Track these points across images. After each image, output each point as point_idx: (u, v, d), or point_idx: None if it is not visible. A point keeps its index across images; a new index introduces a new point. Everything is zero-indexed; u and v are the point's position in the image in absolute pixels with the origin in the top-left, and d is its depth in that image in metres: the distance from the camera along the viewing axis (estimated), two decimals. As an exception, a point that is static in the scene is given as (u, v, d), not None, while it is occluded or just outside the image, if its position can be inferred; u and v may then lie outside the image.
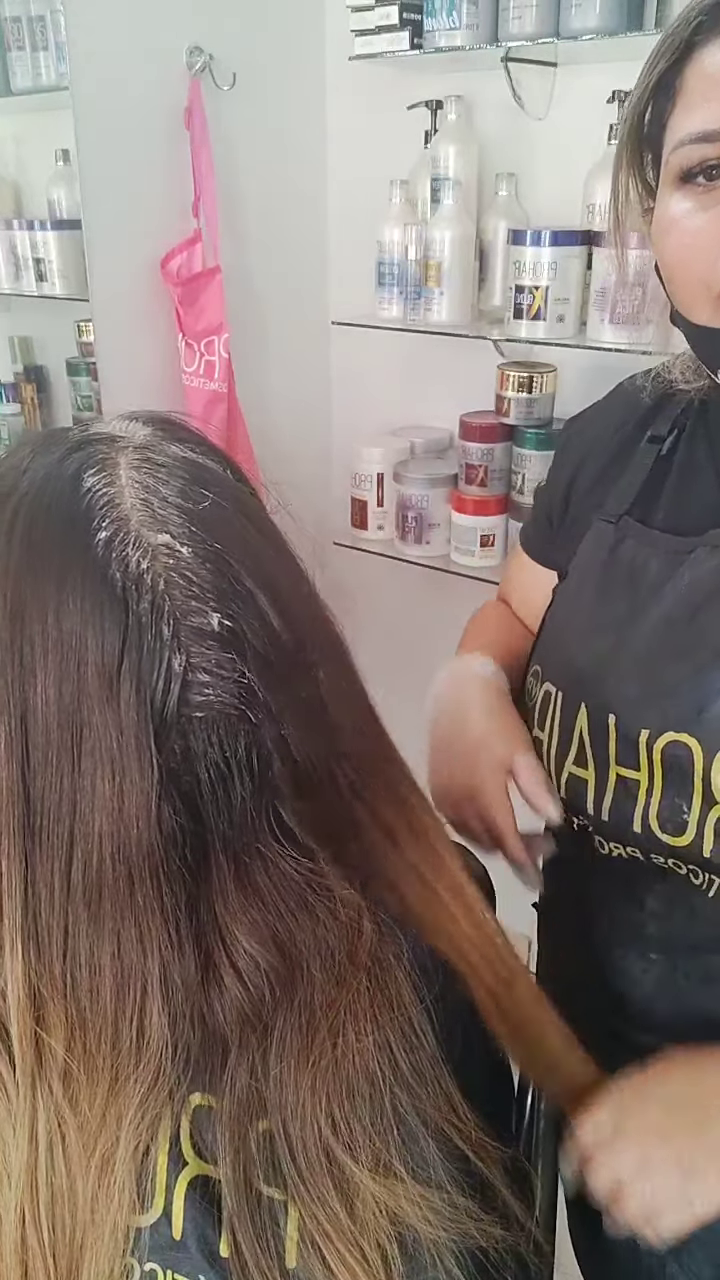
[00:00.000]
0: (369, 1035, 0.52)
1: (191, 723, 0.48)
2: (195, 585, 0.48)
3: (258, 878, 0.51)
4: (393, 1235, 0.51)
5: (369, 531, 1.86)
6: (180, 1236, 0.51)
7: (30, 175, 1.77)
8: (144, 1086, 0.50)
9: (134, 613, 0.47)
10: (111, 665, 0.47)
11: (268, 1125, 0.51)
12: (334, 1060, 0.52)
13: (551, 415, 1.62)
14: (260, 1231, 0.50)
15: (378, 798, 0.56)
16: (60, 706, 0.47)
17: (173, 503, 0.50)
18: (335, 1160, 0.51)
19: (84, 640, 0.47)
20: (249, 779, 0.50)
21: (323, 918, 0.52)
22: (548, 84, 1.53)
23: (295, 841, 0.51)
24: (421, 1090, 0.53)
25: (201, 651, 0.48)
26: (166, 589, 0.47)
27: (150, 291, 1.63)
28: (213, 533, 0.49)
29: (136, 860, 0.48)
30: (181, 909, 0.49)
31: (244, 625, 0.49)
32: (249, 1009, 0.51)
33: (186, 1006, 0.50)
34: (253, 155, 1.73)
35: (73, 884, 0.48)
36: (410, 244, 1.61)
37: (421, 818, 0.59)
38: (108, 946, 0.48)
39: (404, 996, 0.54)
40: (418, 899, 0.58)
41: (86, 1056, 0.50)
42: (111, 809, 0.47)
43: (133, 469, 0.51)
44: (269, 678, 0.49)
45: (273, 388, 1.89)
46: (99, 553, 0.47)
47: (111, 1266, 0.50)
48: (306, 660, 0.51)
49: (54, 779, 0.47)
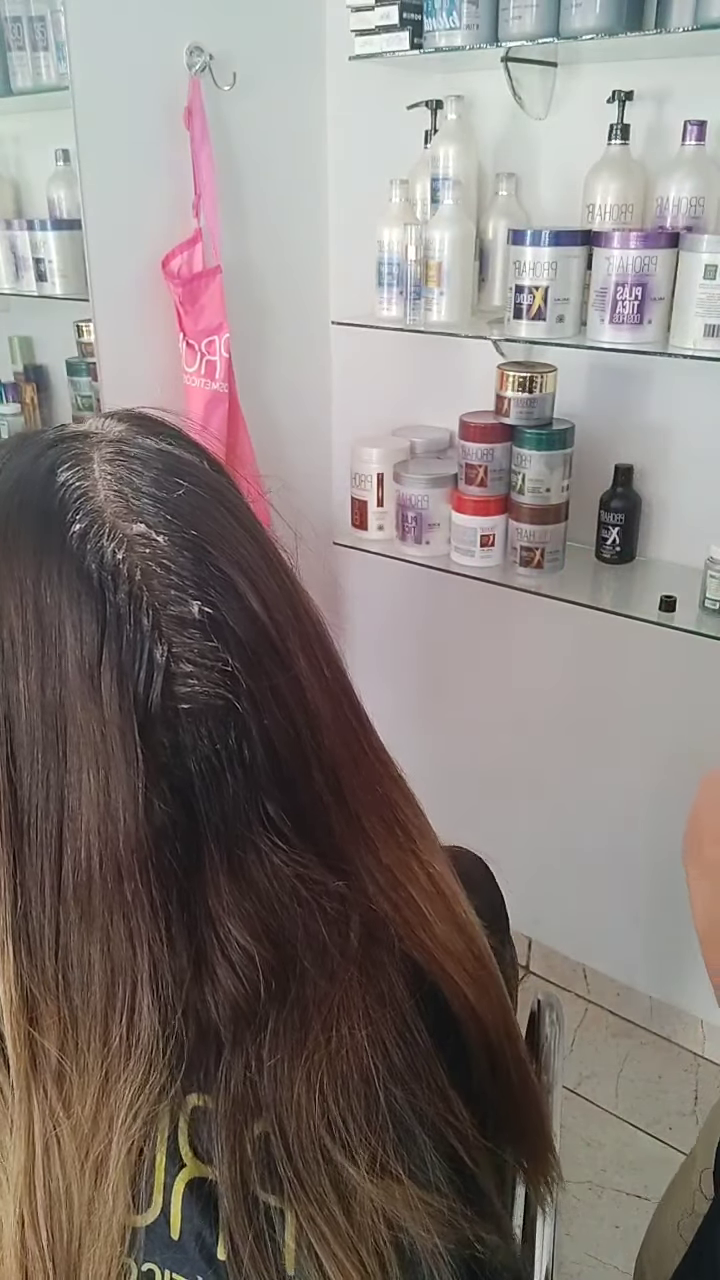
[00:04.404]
0: (362, 1030, 0.52)
1: (179, 715, 0.48)
2: (174, 574, 0.48)
3: (250, 870, 0.51)
4: (389, 1240, 0.50)
5: (369, 531, 1.86)
6: (179, 1237, 0.51)
7: (30, 175, 1.77)
8: (133, 1087, 0.49)
9: (111, 604, 0.47)
10: (92, 658, 0.46)
11: (263, 1127, 0.51)
12: (328, 1055, 0.51)
13: (551, 415, 1.62)
14: (257, 1235, 0.50)
15: (356, 793, 0.54)
16: (43, 703, 0.47)
17: (146, 493, 0.49)
18: (332, 1161, 0.50)
19: (63, 634, 0.47)
20: (240, 771, 0.49)
21: (314, 911, 0.52)
22: (548, 84, 1.53)
23: (283, 835, 0.51)
24: (417, 1086, 0.53)
25: (184, 641, 0.47)
26: (144, 579, 0.47)
27: (150, 291, 1.63)
28: (188, 520, 0.49)
29: (125, 855, 0.47)
30: (172, 903, 0.49)
31: (224, 612, 0.48)
32: (242, 1002, 0.50)
33: (178, 1000, 0.49)
34: (253, 155, 1.73)
35: (63, 882, 0.48)
36: (410, 244, 1.61)
37: (402, 815, 0.58)
38: (98, 943, 0.48)
39: (396, 992, 0.54)
40: (390, 898, 0.56)
41: (78, 1055, 0.49)
42: (98, 804, 0.47)
43: (106, 462, 0.50)
44: (251, 664, 0.49)
45: (273, 388, 1.89)
46: (74, 545, 0.47)
47: (109, 1268, 0.50)
48: (286, 647, 0.51)
49: (40, 776, 0.47)
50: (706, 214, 1.40)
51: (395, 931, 0.56)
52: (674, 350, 1.39)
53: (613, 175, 1.45)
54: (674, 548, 1.69)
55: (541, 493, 1.64)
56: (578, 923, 2.08)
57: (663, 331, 1.42)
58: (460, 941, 0.58)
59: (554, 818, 2.03)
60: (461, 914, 0.59)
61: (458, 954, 0.57)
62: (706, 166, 1.39)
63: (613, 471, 1.65)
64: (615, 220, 1.46)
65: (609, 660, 1.82)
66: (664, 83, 1.45)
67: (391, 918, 0.56)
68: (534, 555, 1.68)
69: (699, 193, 1.38)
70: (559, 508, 1.66)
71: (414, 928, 0.56)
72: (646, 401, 1.63)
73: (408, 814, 0.58)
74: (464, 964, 0.57)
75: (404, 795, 0.59)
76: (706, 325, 1.35)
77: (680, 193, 1.39)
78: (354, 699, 0.56)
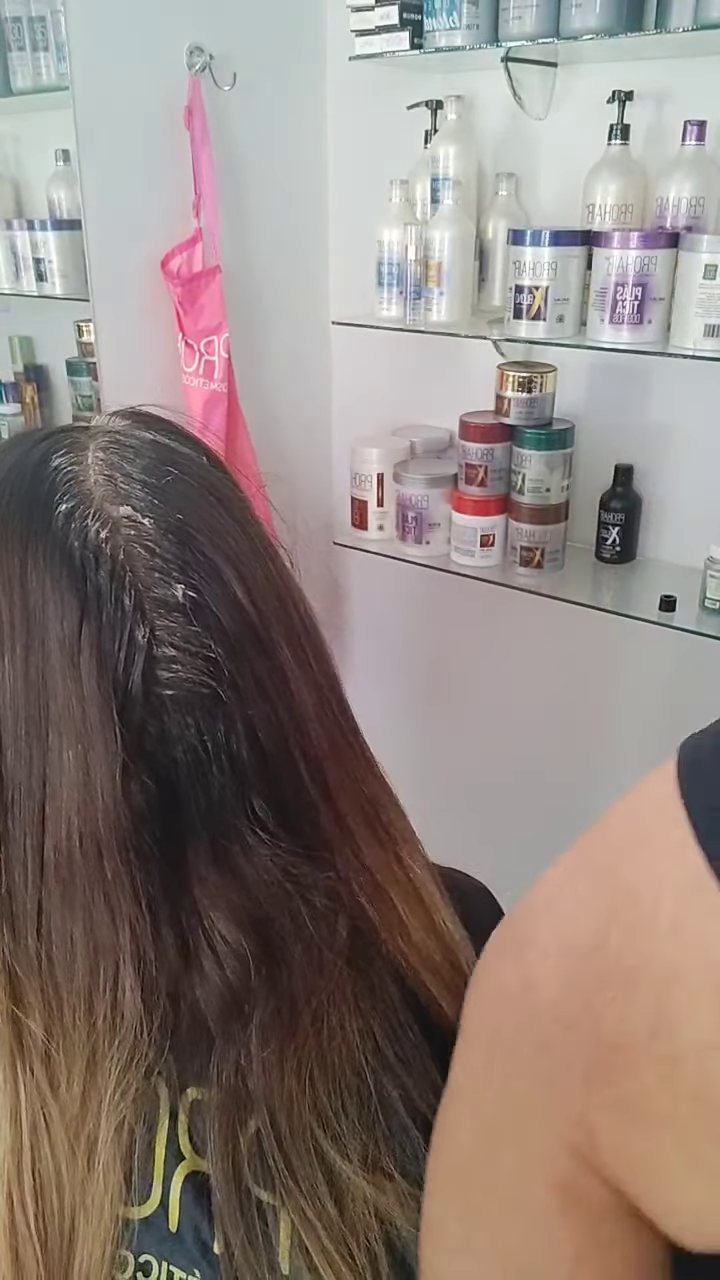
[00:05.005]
0: (352, 1023, 0.52)
1: (164, 703, 0.48)
2: (158, 557, 0.48)
3: (236, 862, 0.51)
4: (380, 1236, 0.50)
5: (369, 531, 1.86)
6: (177, 1229, 0.51)
7: (30, 175, 1.77)
8: (120, 1065, 0.49)
9: (92, 582, 0.47)
10: (72, 636, 0.47)
11: (257, 1124, 0.51)
12: (318, 1047, 0.51)
13: (551, 415, 1.62)
14: (249, 1228, 0.50)
15: (339, 790, 0.54)
16: (27, 680, 0.47)
17: (137, 478, 0.50)
18: (323, 1154, 0.50)
19: (45, 612, 0.47)
20: (226, 763, 0.49)
21: (300, 906, 0.52)
22: (548, 84, 1.53)
23: (269, 829, 0.51)
24: (408, 1079, 0.53)
25: (166, 624, 0.48)
26: (127, 560, 0.48)
27: (150, 291, 1.63)
28: (175, 506, 0.50)
29: (105, 833, 0.48)
30: (155, 885, 0.49)
31: (208, 597, 0.49)
32: (229, 994, 0.51)
33: (162, 980, 0.50)
34: (253, 155, 1.73)
35: (45, 860, 0.48)
36: (410, 244, 1.61)
37: (385, 817, 0.57)
38: (80, 921, 0.48)
39: (386, 986, 0.54)
40: (371, 900, 0.56)
41: (63, 1035, 0.49)
42: (79, 782, 0.47)
43: (100, 450, 0.51)
44: (234, 652, 0.49)
45: (273, 388, 1.89)
46: (59, 525, 0.48)
47: (104, 1251, 0.50)
48: (270, 636, 0.51)
49: (24, 754, 0.48)
50: (706, 214, 1.40)
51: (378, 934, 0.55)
52: (674, 350, 1.40)
53: (613, 175, 1.45)
54: (674, 548, 1.69)
55: (541, 493, 1.64)
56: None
57: (663, 331, 1.42)
58: (438, 950, 0.57)
59: (554, 818, 2.03)
60: (441, 923, 0.58)
61: (434, 963, 0.57)
62: (706, 166, 1.39)
63: (613, 471, 1.65)
64: (615, 220, 1.46)
65: (609, 660, 1.82)
66: (664, 83, 1.45)
67: (374, 919, 0.55)
68: (534, 555, 1.68)
69: (699, 193, 1.38)
70: (559, 508, 1.66)
71: (393, 932, 0.56)
72: (646, 401, 1.63)
73: (391, 815, 0.58)
74: (441, 973, 0.57)
75: (388, 797, 0.58)
76: (706, 325, 1.35)
77: (680, 193, 1.39)
78: (340, 695, 0.56)
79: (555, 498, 1.65)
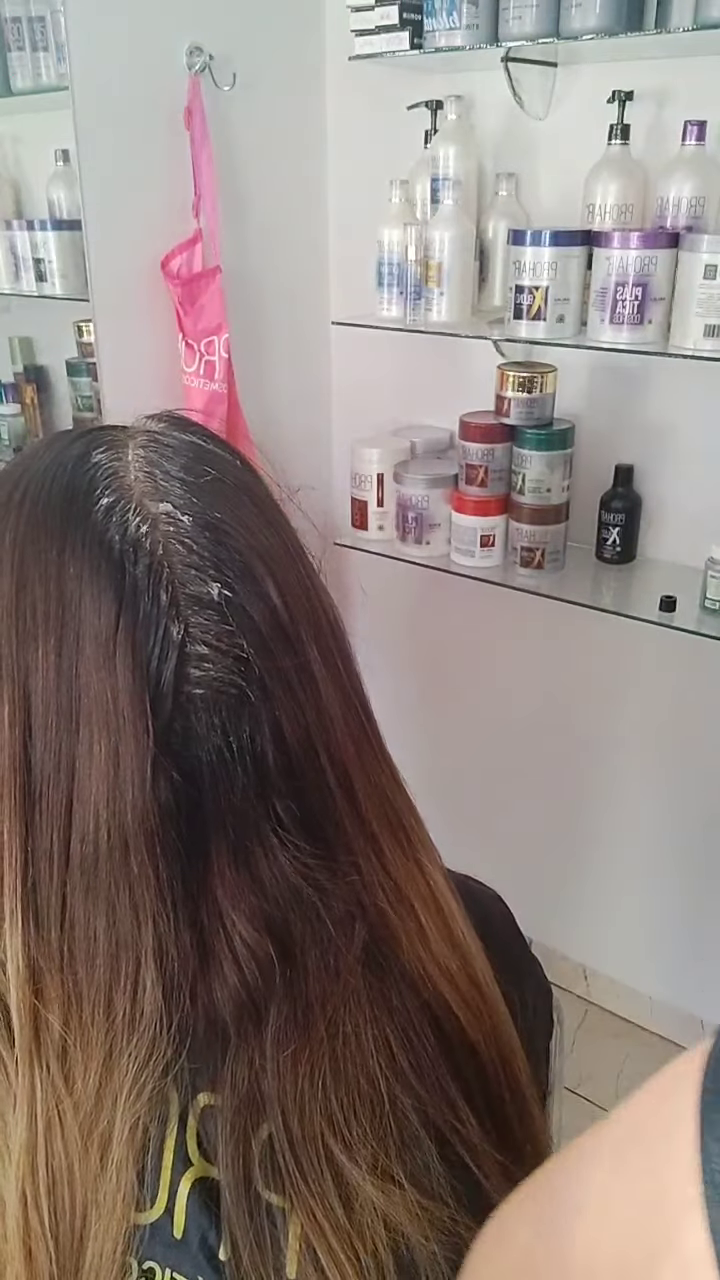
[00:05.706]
0: (367, 1030, 0.52)
1: (192, 701, 0.48)
2: (195, 554, 0.48)
3: (257, 864, 0.51)
4: (388, 1244, 0.50)
5: (369, 531, 1.86)
6: (182, 1236, 0.51)
7: (30, 175, 1.77)
8: (137, 1063, 0.49)
9: (130, 575, 0.47)
10: (108, 628, 0.47)
11: (270, 1127, 0.51)
12: (330, 1052, 0.51)
13: (552, 415, 1.62)
14: (258, 1234, 0.50)
15: (363, 794, 0.54)
16: (60, 671, 0.47)
17: (176, 476, 0.50)
18: (333, 1158, 0.50)
19: (82, 603, 0.47)
20: (250, 765, 0.50)
21: (320, 910, 0.52)
22: (548, 84, 1.53)
23: (291, 833, 0.51)
24: (423, 1090, 0.53)
25: (200, 622, 0.48)
26: (165, 555, 0.48)
27: (150, 291, 1.63)
28: (212, 505, 0.50)
29: (132, 827, 0.47)
30: (178, 882, 0.49)
31: (241, 596, 0.49)
32: (245, 996, 0.50)
33: (183, 979, 0.50)
34: (253, 155, 1.73)
35: (71, 852, 0.48)
36: (410, 244, 1.61)
37: (406, 822, 0.57)
38: (103, 916, 0.48)
39: (403, 993, 0.54)
40: (394, 907, 0.55)
41: (82, 1030, 0.49)
42: (107, 774, 0.47)
43: (140, 448, 0.52)
44: (263, 650, 0.49)
45: (273, 388, 1.89)
46: (99, 518, 0.48)
47: (116, 1245, 0.50)
48: (299, 634, 0.51)
49: (53, 744, 0.47)
50: (706, 214, 1.40)
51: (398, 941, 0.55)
52: (674, 350, 1.39)
53: (613, 175, 1.45)
54: (674, 548, 1.69)
55: (542, 493, 1.64)
56: (578, 923, 2.08)
57: (663, 331, 1.42)
58: (455, 961, 0.57)
59: (554, 817, 2.03)
60: (459, 933, 0.58)
61: (451, 973, 0.56)
62: (706, 166, 1.39)
63: (613, 471, 1.65)
64: (615, 220, 1.46)
65: (609, 660, 1.82)
66: (664, 83, 1.45)
67: (395, 926, 0.55)
68: (534, 555, 1.68)
69: (699, 193, 1.38)
70: (559, 508, 1.66)
71: (412, 940, 0.56)
72: (646, 401, 1.63)
73: (411, 821, 0.58)
74: (457, 984, 0.56)
75: (407, 803, 0.59)
76: (706, 325, 1.35)
77: (680, 193, 1.39)
78: (364, 699, 0.56)
79: (556, 498, 1.65)
